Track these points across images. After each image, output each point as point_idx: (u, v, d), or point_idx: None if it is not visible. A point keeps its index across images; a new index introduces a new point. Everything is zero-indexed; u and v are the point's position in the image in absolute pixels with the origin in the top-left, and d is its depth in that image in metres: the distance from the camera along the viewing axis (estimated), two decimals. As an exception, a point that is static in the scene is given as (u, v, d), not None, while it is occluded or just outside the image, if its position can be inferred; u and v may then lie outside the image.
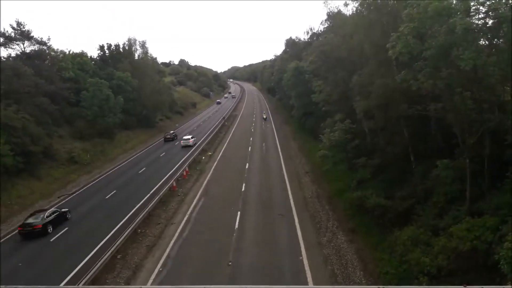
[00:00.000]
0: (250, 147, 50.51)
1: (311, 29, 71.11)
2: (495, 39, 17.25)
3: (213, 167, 41.35)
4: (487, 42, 17.75)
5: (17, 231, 24.53)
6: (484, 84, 18.12)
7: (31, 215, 25.31)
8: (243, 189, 31.75)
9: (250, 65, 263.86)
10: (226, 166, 41.85)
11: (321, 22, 66.88)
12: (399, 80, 21.29)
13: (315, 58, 41.36)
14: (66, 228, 25.03)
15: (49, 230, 24.49)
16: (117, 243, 21.35)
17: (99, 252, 20.82)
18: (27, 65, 46.38)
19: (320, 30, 59.84)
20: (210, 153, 48.98)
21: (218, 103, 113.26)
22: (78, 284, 17.18)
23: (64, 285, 17.71)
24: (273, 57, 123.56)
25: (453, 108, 19.43)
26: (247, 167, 39.71)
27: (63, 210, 27.02)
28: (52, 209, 26.83)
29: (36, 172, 36.06)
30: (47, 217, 24.78)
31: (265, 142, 54.17)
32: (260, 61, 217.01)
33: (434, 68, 18.53)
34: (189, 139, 53.42)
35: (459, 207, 17.78)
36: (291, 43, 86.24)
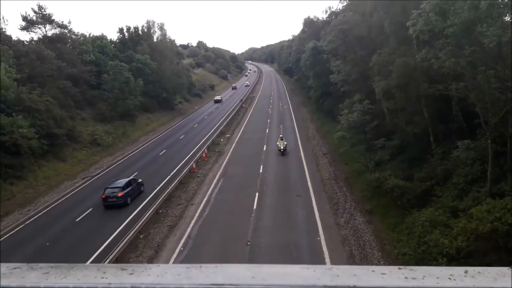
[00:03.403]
0: (267, 129, 50.58)
1: (329, 8, 69.84)
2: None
3: (231, 149, 41.72)
4: (512, 18, 17.13)
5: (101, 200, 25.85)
6: (509, 62, 17.57)
7: (110, 186, 26.39)
8: (260, 171, 32.02)
9: (268, 46, 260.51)
10: (244, 148, 42.14)
11: (340, 0, 65.22)
12: (419, 59, 20.87)
13: (333, 37, 40.61)
14: (91, 209, 25.89)
15: (128, 202, 25.87)
16: (140, 223, 22.02)
17: (122, 232, 21.55)
18: (49, 48, 47.19)
19: (339, 9, 58.52)
20: (228, 135, 49.32)
21: (234, 88, 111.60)
22: (104, 263, 17.91)
23: (90, 263, 18.49)
24: (291, 37, 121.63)
25: (476, 87, 19.00)
26: (264, 149, 39.91)
27: (140, 181, 28.59)
28: (131, 178, 28.39)
29: (60, 154, 37.17)
30: (128, 187, 26.21)
31: (283, 124, 54.09)
32: (278, 41, 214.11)
33: (456, 46, 18.07)
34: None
35: (480, 188, 17.57)
36: (309, 23, 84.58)
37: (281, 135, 40.73)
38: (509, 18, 17.22)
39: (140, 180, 29.00)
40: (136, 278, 1.04)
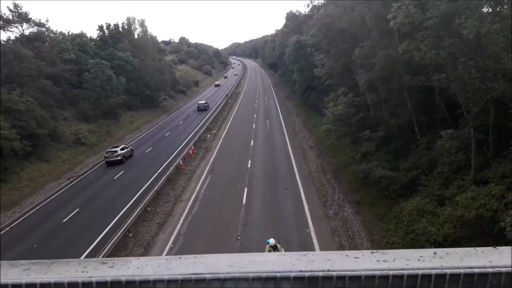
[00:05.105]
0: (254, 124, 50.63)
1: (311, 2, 69.85)
2: (499, 6, 17.02)
3: (218, 145, 41.64)
4: (490, 10, 17.52)
5: (103, 160, 36.07)
6: (488, 52, 18.01)
7: (110, 150, 36.53)
8: (249, 166, 32.09)
9: (251, 41, 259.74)
10: (231, 143, 42.11)
11: (322, -6, 65.50)
12: (401, 51, 21.16)
13: (316, 31, 40.75)
14: (77, 209, 25.56)
15: (123, 160, 35.51)
16: (128, 221, 21.86)
17: (110, 231, 21.36)
18: (27, 47, 46.07)
19: (321, 3, 58.90)
20: (214, 131, 49.19)
21: (217, 85, 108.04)
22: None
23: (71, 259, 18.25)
24: (274, 32, 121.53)
25: (457, 78, 19.39)
26: (252, 144, 39.96)
27: (130, 147, 38.80)
28: (123, 145, 38.61)
29: (44, 154, 36.50)
30: (122, 150, 36.50)
31: (269, 119, 54.21)
32: (261, 36, 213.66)
33: (436, 38, 18.39)
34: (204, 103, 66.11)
35: (464, 176, 18.01)
36: (291, 17, 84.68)
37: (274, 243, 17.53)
38: (486, 10, 17.61)
39: (131, 148, 38.83)
40: (117, 271, 1.06)
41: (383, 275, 1.02)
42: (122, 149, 37.01)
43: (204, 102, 68.03)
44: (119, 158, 35.66)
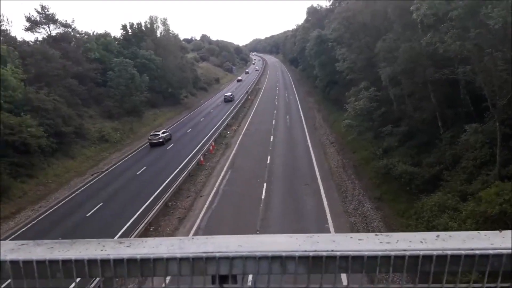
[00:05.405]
0: (274, 120, 50.52)
1: (333, -4, 68.83)
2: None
3: (238, 141, 41.80)
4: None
5: (147, 142, 42.62)
6: (515, 43, 17.33)
7: (153, 134, 43.48)
8: (268, 161, 32.08)
9: (272, 37, 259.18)
10: (251, 139, 42.19)
11: (344, -13, 64.61)
12: (424, 43, 20.68)
13: (337, 25, 40.32)
14: (101, 204, 26.22)
15: (164, 142, 41.82)
16: (150, 215, 22.24)
17: (132, 224, 21.81)
18: (54, 48, 47.49)
19: (342, -4, 57.94)
20: (235, 128, 49.38)
21: (239, 80, 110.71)
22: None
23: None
24: (295, 27, 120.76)
25: (482, 70, 18.79)
26: (271, 140, 39.92)
27: (169, 132, 45.35)
28: (164, 130, 45.33)
29: (69, 151, 37.60)
30: (163, 133, 43.20)
31: (289, 115, 53.97)
32: (282, 31, 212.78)
33: (461, 29, 17.84)
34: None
35: (489, 171, 17.45)
36: (312, 11, 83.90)
37: None
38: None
39: (170, 132, 45.30)
40: (133, 250, 1.13)
41: (385, 255, 1.05)
42: (163, 132, 43.68)
43: (230, 94, 74.64)
44: (160, 140, 41.93)
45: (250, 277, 1.11)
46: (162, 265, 1.10)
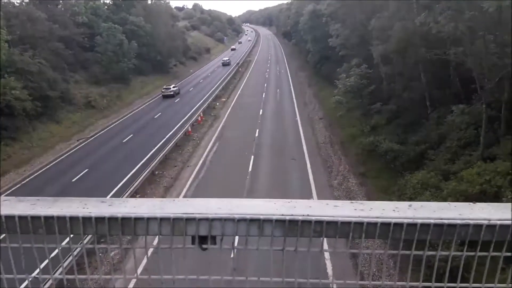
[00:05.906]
0: (264, 93, 50.23)
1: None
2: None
3: (227, 113, 41.61)
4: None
5: (160, 94, 50.77)
6: (509, 27, 17.33)
7: (165, 87, 51.54)
8: (256, 135, 32.13)
9: (266, 9, 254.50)
10: (240, 112, 42.02)
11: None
12: (418, 23, 20.55)
13: (332, 0, 39.68)
14: (87, 170, 26.09)
15: (174, 95, 49.58)
16: (136, 183, 22.27)
17: (118, 192, 21.83)
18: (40, 10, 45.80)
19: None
20: (224, 99, 49.03)
21: (233, 49, 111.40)
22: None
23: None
24: (290, 0, 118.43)
25: (474, 53, 18.84)
26: (260, 113, 39.84)
27: (178, 87, 52.47)
28: (174, 85, 52.99)
29: (55, 116, 36.96)
30: (173, 88, 50.99)
31: (280, 89, 53.71)
32: (277, 4, 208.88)
33: (456, 10, 17.75)
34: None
35: (472, 152, 17.82)
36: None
37: None
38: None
39: (178, 87, 52.80)
40: (114, 209, 1.15)
41: (358, 221, 1.09)
42: (174, 87, 51.59)
43: (227, 59, 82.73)
44: (171, 93, 49.62)
45: (229, 238, 1.15)
46: (142, 224, 1.12)
